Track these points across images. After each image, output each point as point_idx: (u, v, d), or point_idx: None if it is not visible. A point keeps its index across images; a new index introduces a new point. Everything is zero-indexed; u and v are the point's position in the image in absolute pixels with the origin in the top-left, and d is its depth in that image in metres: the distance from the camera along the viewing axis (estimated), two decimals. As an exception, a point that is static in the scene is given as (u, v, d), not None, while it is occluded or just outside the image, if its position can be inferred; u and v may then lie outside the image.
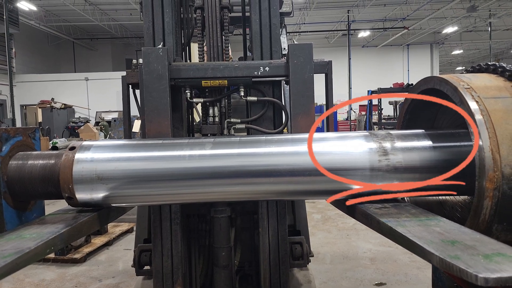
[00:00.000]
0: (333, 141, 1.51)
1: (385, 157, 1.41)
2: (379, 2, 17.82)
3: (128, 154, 1.51)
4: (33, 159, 1.52)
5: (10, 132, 1.52)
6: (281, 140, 1.55)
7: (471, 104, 1.24)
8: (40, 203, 1.67)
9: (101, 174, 1.44)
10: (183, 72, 1.95)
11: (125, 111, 2.15)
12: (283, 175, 1.44)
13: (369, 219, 1.32)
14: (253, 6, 2.13)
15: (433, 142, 1.45)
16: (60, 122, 16.27)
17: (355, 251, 4.48)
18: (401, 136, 1.50)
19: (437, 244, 1.01)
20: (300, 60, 1.90)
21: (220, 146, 1.52)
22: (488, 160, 1.16)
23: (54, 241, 1.18)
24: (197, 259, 2.36)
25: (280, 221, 2.13)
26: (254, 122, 2.10)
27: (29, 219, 1.58)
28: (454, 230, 1.12)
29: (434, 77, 1.46)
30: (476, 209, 1.20)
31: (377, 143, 1.46)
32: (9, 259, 0.99)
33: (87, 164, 1.46)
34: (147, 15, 2.13)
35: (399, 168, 1.41)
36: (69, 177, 1.43)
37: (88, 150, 1.50)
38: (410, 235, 1.08)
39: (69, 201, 1.48)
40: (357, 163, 1.43)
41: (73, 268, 4.31)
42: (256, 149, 1.51)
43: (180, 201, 1.81)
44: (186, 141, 1.57)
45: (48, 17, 18.47)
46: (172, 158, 1.49)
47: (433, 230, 1.12)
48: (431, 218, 1.24)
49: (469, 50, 27.21)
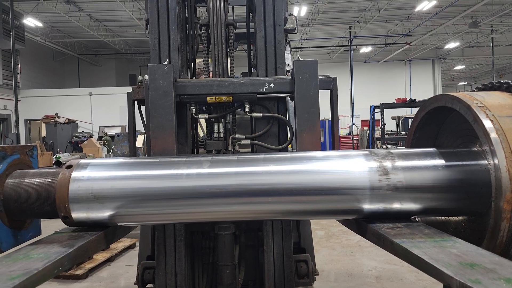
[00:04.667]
0: (334, 159, 1.49)
1: (386, 177, 1.39)
2: (380, 18, 18.05)
3: (125, 173, 1.49)
4: (29, 178, 1.51)
5: (7, 150, 1.52)
6: (280, 158, 1.53)
7: (486, 123, 1.22)
8: (36, 221, 1.65)
9: (98, 193, 1.42)
10: (188, 89, 1.96)
11: (130, 127, 2.15)
12: (281, 194, 1.41)
13: (382, 239, 1.28)
14: (258, 23, 2.15)
15: (446, 161, 1.42)
16: (64, 137, 16.33)
17: (360, 269, 4.40)
18: (409, 155, 1.48)
19: (455, 267, 0.97)
20: (305, 77, 1.91)
21: (217, 164, 1.50)
22: (505, 181, 1.13)
23: (62, 261, 1.16)
24: (200, 277, 2.31)
25: (285, 238, 2.09)
26: (258, 138, 2.09)
27: (25, 238, 1.57)
28: (471, 252, 1.08)
29: (445, 95, 1.45)
30: (493, 231, 1.17)
31: (377, 162, 1.44)
32: (17, 280, 0.97)
33: (83, 182, 1.44)
34: (153, 32, 2.16)
35: (400, 188, 1.38)
36: (65, 196, 1.42)
37: (85, 168, 1.48)
38: (426, 257, 1.04)
39: (64, 221, 1.46)
40: (357, 182, 1.40)
41: (75, 284, 4.25)
42: (255, 168, 1.48)
43: (177, 220, 1.78)
44: (183, 159, 1.55)
45: (54, 33, 18.79)
46: (169, 177, 1.47)
47: (449, 252, 1.09)
48: (446, 239, 1.21)
49: (471, 66, 27.36)
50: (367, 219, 1.46)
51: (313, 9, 16.72)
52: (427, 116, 1.66)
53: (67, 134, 16.67)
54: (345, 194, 1.39)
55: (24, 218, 1.56)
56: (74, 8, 15.91)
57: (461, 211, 1.42)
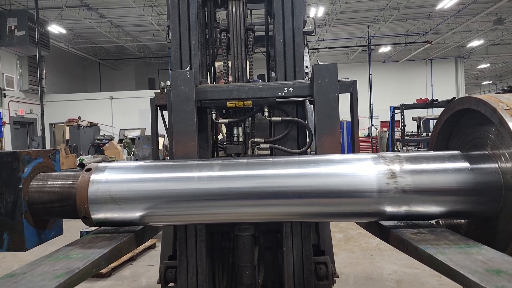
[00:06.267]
0: (341, 163, 1.51)
1: (393, 180, 1.39)
2: (400, 17, 17.73)
3: (140, 176, 1.56)
4: (52, 180, 1.59)
5: (32, 154, 1.61)
6: (288, 162, 1.56)
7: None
8: (58, 222, 1.74)
9: (115, 195, 1.49)
10: (209, 94, 2.00)
11: (153, 132, 2.21)
12: (288, 197, 1.44)
13: (406, 245, 1.28)
14: (276, 27, 2.18)
15: (471, 164, 1.42)
16: (86, 140, 16.78)
17: (379, 272, 4.35)
18: (433, 157, 1.48)
19: (481, 274, 0.97)
20: (324, 80, 1.92)
21: (228, 168, 1.55)
22: None
23: (99, 261, 1.23)
24: (221, 277, 2.36)
25: (305, 240, 2.11)
26: (277, 141, 2.11)
27: (48, 237, 1.66)
28: (497, 258, 1.08)
29: (470, 98, 1.44)
30: None
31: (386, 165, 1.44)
32: (61, 279, 1.04)
33: (101, 185, 1.51)
34: (174, 38, 2.21)
35: (408, 191, 1.38)
36: (84, 198, 1.49)
37: (103, 171, 1.56)
38: (452, 263, 1.04)
39: (84, 221, 1.54)
40: (364, 185, 1.41)
41: (99, 282, 4.37)
42: (265, 171, 1.52)
43: (188, 221, 1.84)
44: (195, 162, 1.62)
45: (76, 39, 19.37)
46: (181, 180, 1.53)
47: (475, 258, 1.08)
48: (471, 245, 1.20)
49: (496, 64, 26.52)
50: (380, 220, 1.46)
51: (330, 9, 16.61)
52: (451, 119, 1.65)
53: (90, 137, 17.13)
54: (351, 197, 1.41)
55: (48, 218, 1.65)
56: (96, 14, 16.35)
57: (472, 215, 1.42)
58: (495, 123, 1.27)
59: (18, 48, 14.62)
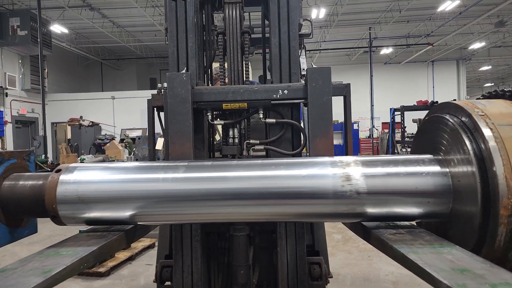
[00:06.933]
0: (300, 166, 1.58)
1: (349, 182, 1.45)
2: (401, 19, 17.75)
3: (107, 177, 1.61)
4: (24, 180, 1.65)
5: (4, 155, 1.67)
6: (251, 164, 1.62)
7: (485, 131, 1.25)
8: (33, 220, 1.80)
9: (82, 195, 1.54)
10: (205, 96, 2.04)
11: (150, 133, 2.25)
12: (251, 198, 1.51)
13: (384, 244, 1.33)
14: (272, 30, 2.21)
15: (423, 168, 1.48)
16: (88, 139, 16.86)
17: (376, 274, 4.38)
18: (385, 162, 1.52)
19: (447, 272, 1.02)
20: (318, 83, 1.95)
21: (192, 170, 1.60)
22: (502, 187, 1.17)
23: (87, 258, 1.28)
24: (216, 277, 2.39)
25: (299, 240, 2.14)
26: (272, 143, 2.14)
27: (21, 235, 1.72)
28: (466, 258, 1.12)
29: (450, 103, 1.49)
30: (491, 236, 1.20)
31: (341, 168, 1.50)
32: (48, 274, 1.10)
33: (70, 185, 1.56)
34: (172, 40, 2.25)
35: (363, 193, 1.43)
36: (53, 198, 1.54)
37: (72, 172, 1.61)
38: (421, 262, 1.09)
39: (54, 220, 1.59)
40: (321, 187, 1.47)
41: (98, 281, 4.42)
42: (227, 173, 1.57)
43: (153, 222, 1.85)
44: (162, 164, 1.67)
45: (78, 39, 19.45)
46: (146, 181, 1.57)
47: (445, 257, 1.13)
48: (444, 245, 1.25)
49: (498, 66, 26.48)
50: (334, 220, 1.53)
51: (332, 11, 16.64)
52: (428, 124, 1.69)
53: (91, 137, 17.20)
54: (310, 198, 1.48)
55: (20, 217, 1.71)
56: (98, 15, 16.42)
57: (426, 217, 1.47)
58: (471, 128, 1.32)
59: (20, 47, 14.70)
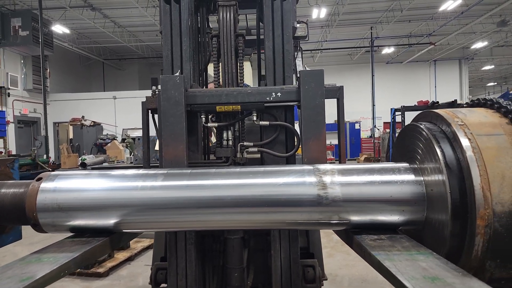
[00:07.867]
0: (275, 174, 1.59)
1: (324, 191, 1.46)
2: (403, 18, 17.67)
3: (86, 186, 1.62)
4: (6, 188, 1.66)
5: None
6: (229, 173, 1.64)
7: (463, 141, 1.25)
8: (17, 227, 1.80)
9: (61, 204, 1.55)
10: (198, 98, 2.04)
11: (144, 135, 2.25)
12: (227, 205, 1.53)
13: (363, 250, 1.32)
14: (266, 33, 2.21)
15: (399, 176, 1.49)
16: (89, 139, 16.88)
17: (374, 275, 4.35)
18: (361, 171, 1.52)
19: (417, 280, 1.02)
20: (311, 86, 1.95)
21: (170, 178, 1.62)
22: (479, 197, 1.16)
23: (68, 265, 1.28)
24: (211, 279, 2.39)
25: (292, 243, 2.14)
26: (266, 145, 2.15)
27: (5, 241, 1.74)
28: (439, 266, 1.11)
29: (431, 112, 1.50)
30: (468, 246, 1.20)
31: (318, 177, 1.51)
32: (26, 282, 1.09)
33: (49, 194, 1.57)
34: (166, 43, 2.25)
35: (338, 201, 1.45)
36: (33, 206, 1.55)
37: (52, 180, 1.62)
38: (394, 269, 1.09)
39: (35, 228, 1.60)
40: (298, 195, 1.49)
41: (96, 282, 4.43)
42: (205, 181, 1.59)
43: (130, 229, 1.84)
44: (141, 172, 1.68)
45: (80, 39, 19.49)
46: (125, 189, 1.59)
47: (419, 265, 1.12)
48: (422, 252, 1.24)
49: (501, 66, 26.31)
50: None
51: (333, 10, 16.59)
52: (405, 132, 1.71)
53: (93, 136, 17.22)
54: (284, 206, 1.50)
55: (2, 224, 1.71)
56: (99, 15, 16.45)
57: (401, 225, 1.48)
58: (450, 137, 1.32)
59: (22, 48, 14.74)
